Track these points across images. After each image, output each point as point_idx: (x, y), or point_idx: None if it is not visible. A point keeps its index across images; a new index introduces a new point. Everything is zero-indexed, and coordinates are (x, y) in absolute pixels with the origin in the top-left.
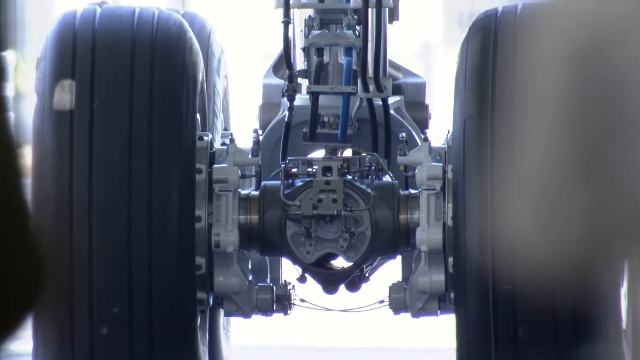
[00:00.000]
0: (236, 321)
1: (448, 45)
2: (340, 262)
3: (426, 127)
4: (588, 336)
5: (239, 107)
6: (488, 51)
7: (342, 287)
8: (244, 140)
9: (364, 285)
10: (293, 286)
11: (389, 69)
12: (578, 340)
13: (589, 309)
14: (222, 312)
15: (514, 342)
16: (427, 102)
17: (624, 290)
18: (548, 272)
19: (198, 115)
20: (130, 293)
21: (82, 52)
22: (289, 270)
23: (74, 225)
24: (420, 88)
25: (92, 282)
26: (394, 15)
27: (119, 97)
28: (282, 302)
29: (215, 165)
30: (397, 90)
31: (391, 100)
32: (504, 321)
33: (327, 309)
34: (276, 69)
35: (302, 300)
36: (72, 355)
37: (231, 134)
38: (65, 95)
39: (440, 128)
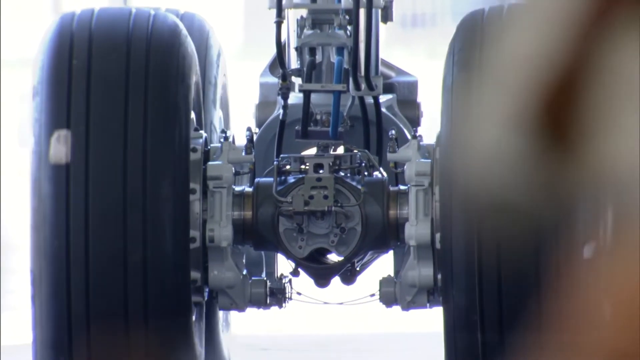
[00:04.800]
0: (235, 313)
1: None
2: (335, 257)
3: (418, 124)
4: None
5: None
6: (475, 50)
7: (337, 279)
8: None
9: (358, 278)
10: (289, 280)
11: (381, 68)
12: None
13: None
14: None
15: (499, 329)
16: (419, 100)
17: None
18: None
19: (193, 115)
20: (125, 279)
21: (78, 55)
22: (284, 264)
23: (70, 212)
24: (413, 86)
25: (89, 272)
26: (387, 16)
27: (115, 100)
28: (276, 295)
29: (209, 163)
30: (389, 88)
31: (383, 98)
32: (489, 308)
33: (325, 302)
34: (273, 68)
35: (299, 294)
36: (69, 340)
37: (225, 132)
38: (61, 148)
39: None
